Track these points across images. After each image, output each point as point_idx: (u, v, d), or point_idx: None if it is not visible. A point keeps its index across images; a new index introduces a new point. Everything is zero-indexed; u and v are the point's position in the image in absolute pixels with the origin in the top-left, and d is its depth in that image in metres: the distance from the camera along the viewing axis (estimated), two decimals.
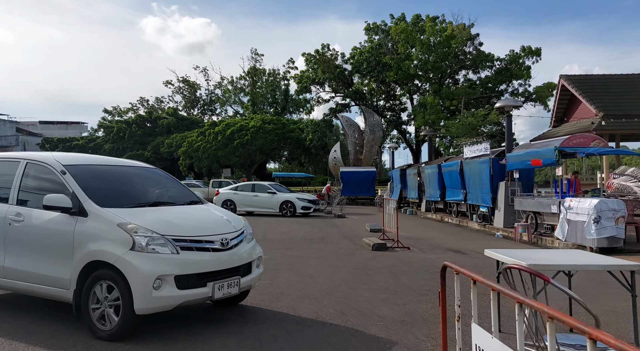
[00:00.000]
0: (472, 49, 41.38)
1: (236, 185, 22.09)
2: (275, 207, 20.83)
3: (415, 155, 45.87)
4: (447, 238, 12.93)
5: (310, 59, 45.62)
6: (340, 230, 14.85)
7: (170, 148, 55.70)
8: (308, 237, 12.92)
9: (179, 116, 64.68)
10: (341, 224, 17.16)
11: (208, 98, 75.03)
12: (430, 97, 35.91)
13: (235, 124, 47.98)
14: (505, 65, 38.54)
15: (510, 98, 13.66)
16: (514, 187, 13.57)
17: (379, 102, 48.07)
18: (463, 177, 16.55)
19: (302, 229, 15.24)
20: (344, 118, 42.45)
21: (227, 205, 21.50)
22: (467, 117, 32.24)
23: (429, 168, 20.37)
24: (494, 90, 40.12)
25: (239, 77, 67.08)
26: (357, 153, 41.93)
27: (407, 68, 39.97)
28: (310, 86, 46.50)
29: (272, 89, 63.82)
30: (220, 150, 46.49)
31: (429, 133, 22.58)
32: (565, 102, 29.36)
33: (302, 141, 48.47)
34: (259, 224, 16.80)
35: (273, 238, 12.72)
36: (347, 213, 22.20)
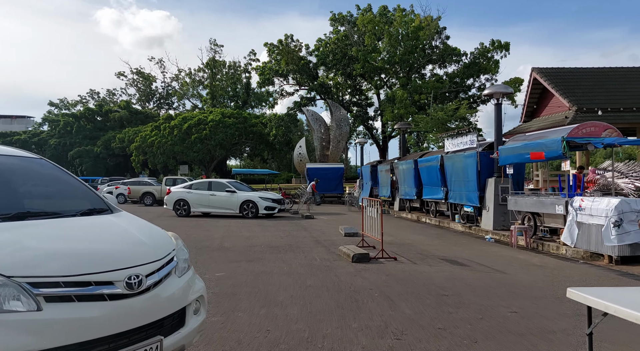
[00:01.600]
0: (440, 43, 40.43)
1: (190, 183, 19.77)
2: (234, 207, 18.69)
3: (382, 151, 44.59)
4: (433, 243, 11.29)
5: (273, 50, 43.39)
6: (311, 234, 12.95)
7: (123, 143, 52.10)
8: (274, 244, 10.95)
9: (133, 109, 60.87)
10: (310, 226, 15.27)
11: (164, 91, 71.21)
12: (400, 91, 34.60)
13: (193, 118, 45.15)
14: (473, 58, 37.75)
15: (500, 85, 12.19)
16: (506, 184, 12.10)
17: (345, 97, 46.45)
18: (444, 173, 15.02)
19: (266, 233, 13.24)
20: (309, 112, 40.56)
21: (179, 205, 19.17)
22: (436, 111, 31.10)
23: (404, 164, 18.79)
24: (462, 84, 39.34)
25: (198, 69, 63.86)
26: (323, 149, 40.15)
27: (375, 60, 38.51)
28: (273, 78, 44.28)
29: (233, 82, 61.01)
30: (176, 145, 43.59)
31: (402, 127, 21.05)
32: (536, 96, 28.64)
33: (265, 136, 46.23)
34: (216, 227, 14.65)
35: (232, 246, 10.66)
36: (315, 213, 20.34)
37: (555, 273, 7.54)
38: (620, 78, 26.28)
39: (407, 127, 21.62)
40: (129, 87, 73.92)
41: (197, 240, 11.56)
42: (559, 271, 7.64)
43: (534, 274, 7.43)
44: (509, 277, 7.15)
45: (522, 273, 7.47)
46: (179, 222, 16.54)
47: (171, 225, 15.53)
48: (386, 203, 22.77)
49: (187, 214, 19.12)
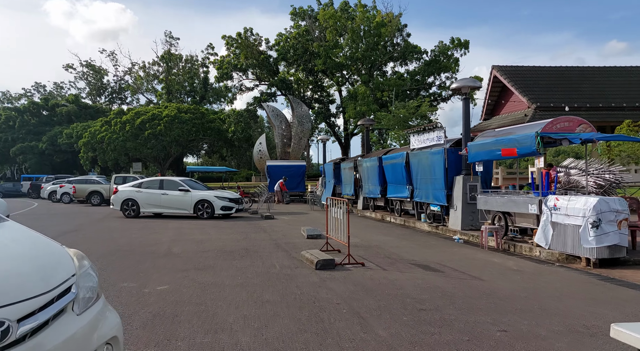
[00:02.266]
0: (401, 40, 40.28)
1: (140, 182, 18.33)
2: (188, 207, 17.44)
3: (344, 148, 44.09)
4: (401, 244, 10.62)
5: (231, 43, 41.93)
6: (271, 237, 12.01)
7: (70, 139, 49.13)
8: (229, 248, 9.95)
9: (82, 104, 57.58)
10: (270, 228, 14.31)
11: (117, 85, 67.90)
12: (362, 87, 34.08)
13: (147, 113, 42.95)
14: (434, 56, 37.79)
15: (469, 78, 11.67)
16: (475, 182, 11.60)
17: (306, 93, 45.59)
18: (409, 171, 14.45)
19: (221, 236, 12.18)
20: (269, 108, 39.42)
21: (127, 205, 17.72)
22: (398, 108, 30.80)
23: (368, 162, 18.14)
24: (423, 82, 39.37)
25: (152, 63, 61.13)
26: (284, 146, 39.16)
27: (336, 56, 37.87)
28: (231, 73, 42.82)
29: (190, 77, 58.82)
30: (128, 141, 41.33)
31: (365, 123, 20.41)
32: (496, 94, 28.88)
33: (223, 133, 44.66)
34: (167, 230, 13.44)
35: (181, 251, 9.57)
36: (276, 213, 19.38)
37: (535, 279, 6.98)
38: (575, 77, 26.80)
39: (371, 123, 21.03)
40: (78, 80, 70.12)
41: (142, 245, 10.37)
42: (538, 277, 7.09)
43: (513, 280, 6.83)
44: (488, 285, 6.52)
45: (500, 280, 6.86)
46: (125, 224, 15.16)
47: (116, 227, 14.17)
48: (349, 202, 22.10)
49: (137, 215, 17.70)
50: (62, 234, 12.46)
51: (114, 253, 9.30)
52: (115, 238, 11.69)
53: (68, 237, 11.81)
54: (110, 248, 9.88)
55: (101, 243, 10.63)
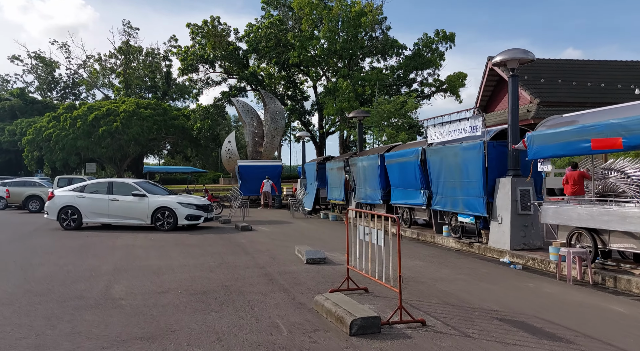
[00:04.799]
0: (380, 34, 37.66)
1: (83, 185, 14.67)
2: (144, 216, 13.95)
3: (320, 148, 41.04)
4: (444, 274, 7.68)
5: (197, 32, 38.16)
6: (256, 261, 8.81)
7: (14, 136, 44.00)
8: (199, 286, 6.72)
9: (28, 98, 52.17)
10: (252, 244, 11.08)
11: (70, 80, 62.40)
12: (344, 82, 31.14)
13: (101, 108, 38.54)
14: (418, 50, 35.36)
15: (517, 49, 8.84)
16: (527, 185, 8.81)
17: (278, 89, 42.28)
18: (426, 172, 11.57)
19: (186, 260, 8.88)
20: (239, 103, 35.91)
21: (66, 214, 14.05)
22: (383, 104, 28.08)
23: (365, 160, 15.17)
24: (405, 78, 36.89)
25: (109, 55, 56.24)
26: (255, 145, 35.74)
27: (313, 48, 34.83)
28: (197, 64, 38.98)
29: (151, 71, 54.32)
30: (80, 139, 36.83)
31: (358, 115, 17.42)
32: (491, 89, 26.66)
33: (188, 130, 40.77)
34: (112, 250, 9.97)
35: (125, 293, 6.27)
36: (252, 222, 16.12)
37: None
38: (578, 71, 24.84)
39: (364, 116, 18.07)
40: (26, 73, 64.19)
41: (68, 280, 6.98)
42: None
43: None
44: None
45: None
46: (58, 241, 11.55)
47: (43, 246, 10.57)
48: (337, 208, 19.10)
49: (78, 226, 14.08)
50: None
51: (16, 300, 5.89)
52: (33, 266, 8.19)
53: None
54: (14, 289, 6.44)
55: (4, 279, 7.15)
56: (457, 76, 35.64)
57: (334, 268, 8.04)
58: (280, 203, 25.80)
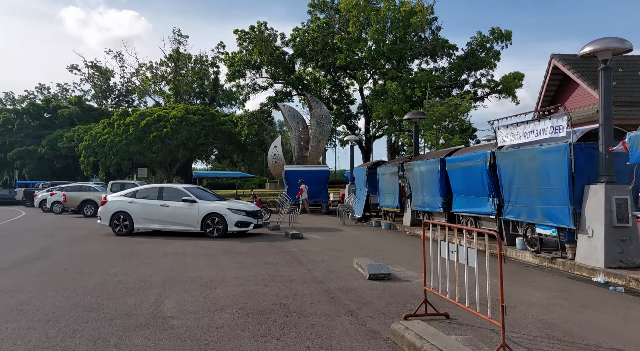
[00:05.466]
0: (430, 34, 36.38)
1: (134, 190, 14.56)
2: (194, 222, 13.64)
3: (366, 153, 40.13)
4: (531, 296, 6.67)
5: (244, 38, 38.34)
6: (312, 274, 8.11)
7: (71, 142, 45.78)
8: (254, 303, 6.09)
9: (85, 106, 54.36)
10: (305, 254, 10.42)
11: (124, 88, 64.80)
12: (394, 84, 30.15)
13: (152, 114, 39.42)
14: (471, 50, 33.81)
15: (612, 38, 7.70)
16: (625, 193, 7.63)
17: (323, 93, 41.80)
18: (496, 177, 10.51)
19: (239, 271, 8.32)
20: (286, 108, 35.70)
21: (118, 220, 13.95)
22: (436, 105, 26.91)
23: (423, 165, 14.21)
24: (457, 79, 35.40)
25: (160, 63, 57.87)
26: (301, 150, 35.36)
27: (360, 50, 34.07)
28: (244, 70, 39.14)
29: (199, 77, 55.39)
30: (132, 144, 37.74)
31: (414, 117, 16.44)
32: (554, 88, 24.88)
33: (235, 136, 40.97)
34: (162, 258, 9.57)
35: (177, 311, 5.72)
36: (302, 229, 15.51)
37: None
38: None
39: (421, 117, 17.05)
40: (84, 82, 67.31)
41: (117, 294, 6.54)
42: None
43: None
44: None
45: None
46: (109, 247, 11.36)
47: (94, 253, 10.36)
48: (389, 215, 18.18)
49: (129, 232, 13.95)
50: (12, 266, 8.69)
51: (63, 315, 5.46)
52: (83, 275, 7.88)
53: (15, 273, 8.02)
54: (62, 302, 6.05)
55: (54, 289, 6.81)
56: (513, 76, 33.77)
57: (401, 285, 7.20)
58: (327, 209, 25.14)
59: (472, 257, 4.48)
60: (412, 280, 7.57)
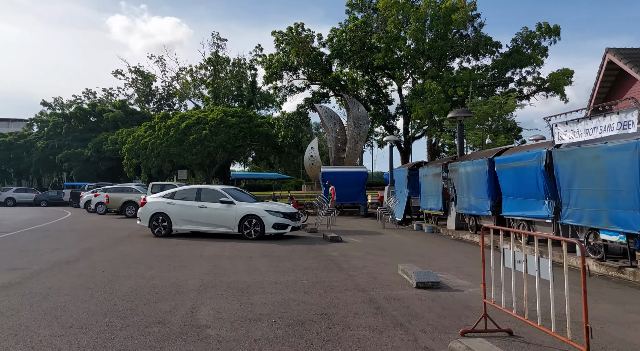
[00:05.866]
0: (472, 32, 35.14)
1: (173, 191, 14.52)
2: (232, 224, 13.43)
3: (404, 154, 39.24)
4: (603, 310, 5.92)
5: (281, 39, 38.34)
6: (354, 280, 7.63)
7: (115, 145, 47.16)
8: (294, 313, 5.68)
9: (129, 109, 55.98)
10: (345, 259, 9.95)
11: (165, 91, 66.40)
12: (433, 84, 29.25)
13: (192, 117, 40.05)
14: (516, 46, 32.37)
15: None
16: None
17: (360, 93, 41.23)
18: (553, 178, 9.69)
19: (277, 276, 7.95)
20: (322, 109, 35.36)
21: (157, 221, 13.93)
22: (479, 104, 25.82)
23: (469, 166, 13.45)
24: (500, 77, 34.00)
25: (200, 66, 58.94)
26: (338, 151, 34.90)
27: (399, 49, 33.29)
28: (281, 72, 39.13)
29: (237, 80, 56.01)
30: (172, 147, 38.44)
31: (459, 115, 15.64)
32: (608, 84, 23.34)
33: (272, 138, 41.02)
34: (199, 260, 9.33)
35: (213, 319, 5.39)
36: (340, 231, 15.05)
37: None
38: None
39: (466, 115, 16.21)
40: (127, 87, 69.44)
41: (153, 298, 6.28)
42: None
43: None
44: None
45: None
46: (148, 249, 11.28)
47: (132, 254, 10.26)
48: (431, 219, 17.43)
49: (168, 233, 13.90)
50: (52, 267, 8.67)
51: (96, 322, 5.23)
52: (119, 278, 7.71)
53: (55, 274, 7.96)
54: (97, 307, 5.84)
55: (90, 293, 6.64)
56: (562, 73, 32.04)
57: (452, 295, 6.61)
58: (365, 212, 24.57)
59: (546, 268, 3.88)
60: (464, 290, 6.95)
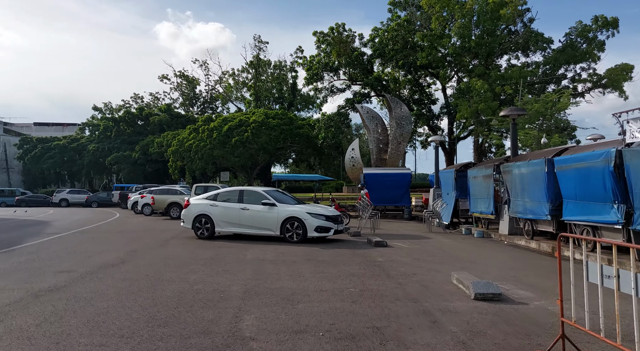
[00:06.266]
0: (521, 27, 33.58)
1: (215, 193, 14.47)
2: (274, 226, 13.20)
3: (449, 155, 38.02)
4: None
5: (322, 40, 38.07)
6: (404, 289, 7.14)
7: (161, 148, 48.46)
8: (343, 325, 5.28)
9: (174, 113, 57.49)
10: (391, 264, 9.45)
11: (208, 95, 67.80)
12: (480, 82, 28.12)
13: (234, 119, 40.52)
14: (569, 41, 30.64)
15: None
16: None
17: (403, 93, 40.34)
18: (623, 179, 8.81)
19: (321, 283, 7.57)
20: (364, 109, 34.82)
21: (200, 223, 13.91)
22: (531, 103, 24.56)
23: (525, 167, 12.60)
24: (552, 74, 32.29)
25: (242, 70, 59.77)
26: (380, 152, 34.24)
27: (444, 47, 32.29)
28: (322, 73, 38.86)
29: (278, 82, 56.35)
30: (216, 149, 39.00)
31: (512, 113, 14.70)
32: None
33: (312, 139, 40.85)
34: (242, 265, 9.10)
35: (257, 329, 5.07)
36: (385, 235, 14.52)
37: None
38: None
39: (520, 113, 15.22)
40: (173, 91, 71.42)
41: (196, 305, 6.05)
42: None
43: None
44: None
45: None
46: (190, 251, 11.21)
47: (176, 257, 10.18)
48: (481, 222, 16.58)
49: (211, 235, 13.85)
50: (98, 269, 8.68)
51: (137, 330, 5.02)
52: (163, 282, 7.57)
53: (100, 278, 7.93)
54: (139, 314, 5.66)
55: (133, 298, 6.50)
56: (620, 68, 30.02)
57: (517, 309, 6.00)
58: (410, 215, 23.85)
59: None
60: (529, 303, 6.32)
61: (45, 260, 9.86)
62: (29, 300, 6.35)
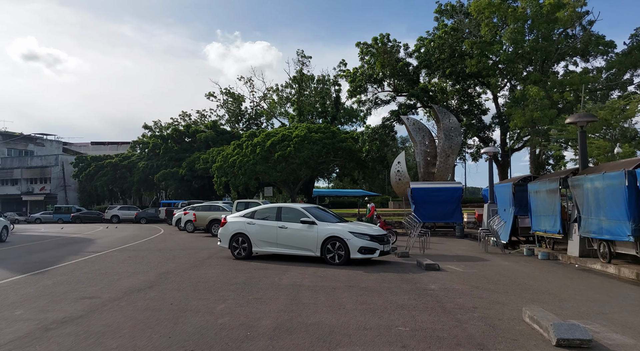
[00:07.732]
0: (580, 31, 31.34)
1: (253, 210, 13.71)
2: (314, 246, 12.23)
3: (502, 167, 35.86)
4: None
5: (365, 51, 37.33)
6: (465, 329, 5.93)
7: (206, 164, 48.98)
8: None
9: (219, 129, 58.28)
10: (446, 293, 8.21)
11: (253, 111, 68.52)
12: (535, 89, 26.22)
13: (277, 134, 40.22)
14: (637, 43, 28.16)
15: None
16: None
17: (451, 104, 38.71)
18: None
19: (366, 318, 6.48)
20: (410, 121, 33.51)
21: (237, 242, 13.17)
22: (595, 110, 22.45)
23: (599, 180, 11.00)
24: (616, 79, 29.77)
25: (285, 85, 59.96)
26: (427, 166, 32.71)
27: (495, 54, 30.59)
28: (366, 85, 38.03)
29: (322, 97, 55.96)
30: (259, 164, 38.77)
31: (580, 120, 13.06)
32: None
33: (356, 153, 39.87)
34: (276, 291, 8.14)
35: None
36: (434, 255, 13.17)
37: None
38: None
39: (590, 119, 13.52)
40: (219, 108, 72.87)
41: (217, 346, 5.15)
42: None
43: None
44: None
45: None
46: (224, 274, 10.41)
47: (208, 281, 9.37)
48: (545, 242, 14.87)
49: (248, 256, 13.07)
50: (122, 296, 8.01)
51: None
52: (186, 313, 6.76)
53: (121, 306, 7.23)
54: None
55: (148, 335, 5.69)
56: None
57: None
58: (462, 233, 22.21)
59: None
60: None
61: (73, 283, 9.37)
62: (36, 335, 5.69)
